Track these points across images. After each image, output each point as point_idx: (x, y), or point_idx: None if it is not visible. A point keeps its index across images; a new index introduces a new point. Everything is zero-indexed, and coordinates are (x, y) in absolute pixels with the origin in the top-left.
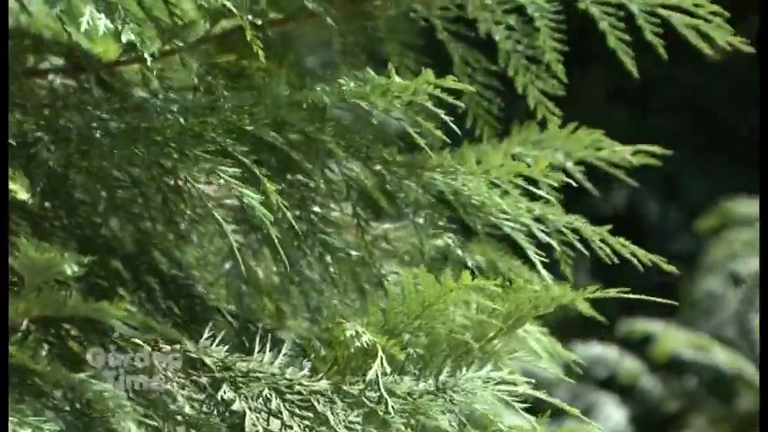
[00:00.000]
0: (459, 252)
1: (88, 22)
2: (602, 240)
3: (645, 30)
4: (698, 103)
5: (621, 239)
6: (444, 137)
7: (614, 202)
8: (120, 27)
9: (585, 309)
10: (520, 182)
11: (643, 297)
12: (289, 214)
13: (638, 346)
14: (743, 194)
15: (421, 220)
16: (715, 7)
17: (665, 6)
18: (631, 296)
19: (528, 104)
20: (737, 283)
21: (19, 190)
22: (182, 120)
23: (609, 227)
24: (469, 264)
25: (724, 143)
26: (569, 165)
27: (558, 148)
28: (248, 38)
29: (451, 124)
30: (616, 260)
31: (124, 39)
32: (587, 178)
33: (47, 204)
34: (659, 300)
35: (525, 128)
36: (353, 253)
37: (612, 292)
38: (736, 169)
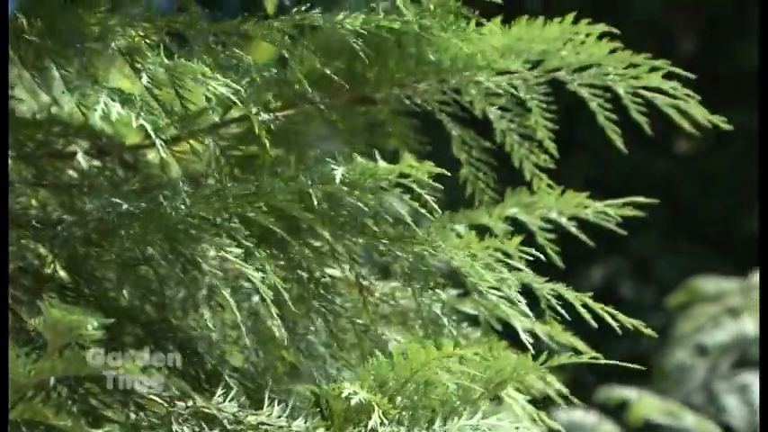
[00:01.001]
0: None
1: (103, 110)
2: (584, 305)
3: (630, 109)
4: (669, 192)
5: (602, 305)
6: (431, 211)
7: (592, 280)
8: (133, 115)
9: (557, 379)
10: (513, 245)
11: (618, 363)
12: (287, 295)
13: (616, 411)
14: (709, 274)
15: (417, 286)
16: (688, 90)
17: (647, 88)
18: (608, 362)
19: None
20: (704, 354)
21: (46, 261)
22: (190, 207)
23: (591, 294)
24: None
25: (692, 229)
26: (563, 221)
27: (550, 208)
28: (256, 130)
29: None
30: (596, 325)
31: (135, 125)
32: (565, 257)
33: (71, 276)
34: (632, 366)
35: (517, 192)
36: (358, 321)
37: (585, 358)
38: (703, 252)
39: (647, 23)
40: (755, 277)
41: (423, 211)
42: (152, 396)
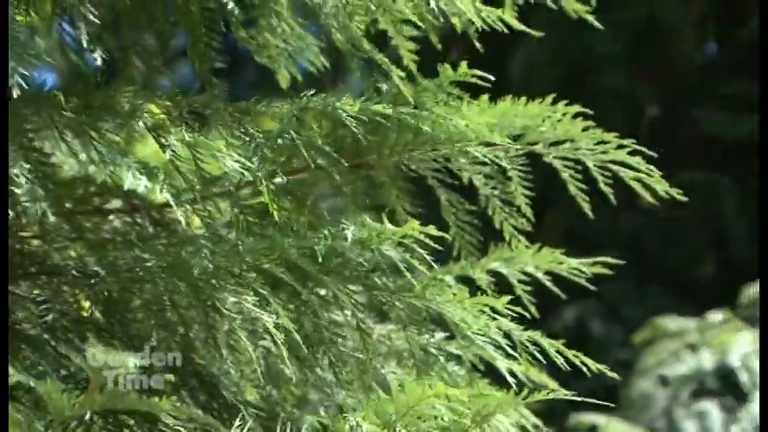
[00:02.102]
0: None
1: (131, 181)
2: (557, 351)
3: (599, 181)
4: (636, 243)
5: (574, 351)
6: (427, 267)
7: (567, 319)
8: (157, 187)
9: (535, 406)
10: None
11: (585, 400)
12: (298, 336)
13: None
14: (670, 314)
15: (412, 330)
16: (650, 166)
17: (614, 162)
18: (577, 398)
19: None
20: (665, 384)
21: (84, 306)
22: (212, 260)
23: (563, 340)
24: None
25: (655, 275)
26: (540, 275)
27: (527, 263)
28: (265, 197)
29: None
30: (568, 367)
31: (159, 197)
32: (539, 304)
33: (107, 319)
34: (599, 402)
35: (499, 248)
36: (359, 356)
37: (561, 393)
38: (665, 295)
39: (613, 92)
40: (711, 316)
41: (418, 261)
42: (178, 427)
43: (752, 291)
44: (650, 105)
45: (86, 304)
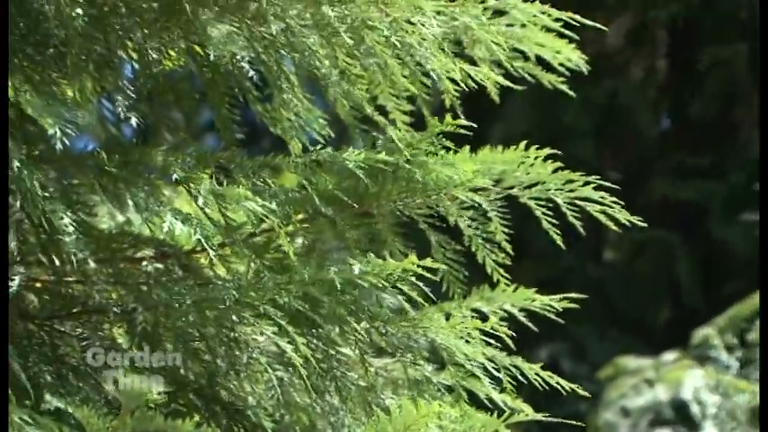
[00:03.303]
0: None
1: (169, 226)
2: (536, 373)
3: (568, 215)
4: (600, 291)
5: (549, 373)
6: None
7: (539, 358)
8: (192, 231)
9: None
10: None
11: (561, 420)
12: (313, 360)
13: None
14: (630, 354)
15: (407, 357)
16: (614, 198)
17: (581, 198)
18: (552, 420)
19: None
20: (627, 415)
21: (121, 338)
22: (234, 296)
23: (541, 363)
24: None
25: (617, 320)
26: (516, 311)
27: (505, 301)
28: (281, 241)
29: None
30: (546, 387)
31: (194, 239)
32: (517, 338)
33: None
34: (571, 422)
35: (481, 289)
36: (362, 383)
37: (537, 417)
38: (626, 338)
39: (581, 160)
40: (665, 356)
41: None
42: None
43: (701, 333)
44: (612, 172)
45: (123, 338)
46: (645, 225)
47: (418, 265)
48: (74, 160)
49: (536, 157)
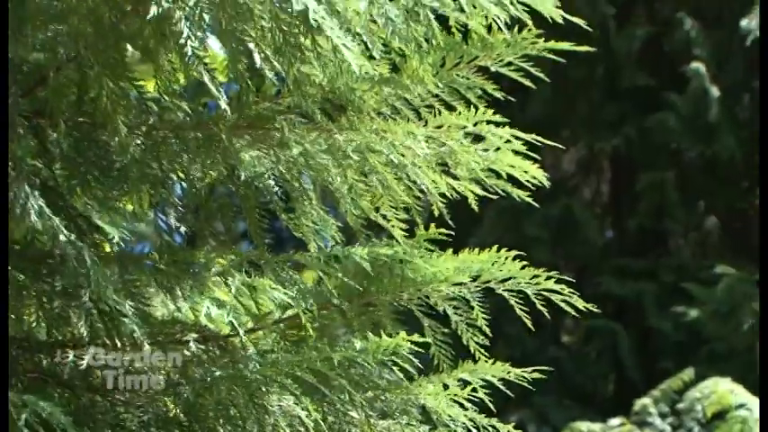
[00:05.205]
0: None
1: (207, 310)
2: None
3: (536, 304)
4: (559, 368)
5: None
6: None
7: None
8: (225, 314)
9: None
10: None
11: None
12: (325, 423)
13: None
14: (582, 420)
15: (404, 419)
16: (571, 289)
17: (545, 290)
18: None
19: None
20: None
21: (170, 408)
22: (260, 371)
23: (513, 423)
24: None
25: (571, 392)
26: (495, 380)
27: (485, 373)
28: (304, 320)
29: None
30: None
31: (227, 321)
32: (495, 401)
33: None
34: None
35: (465, 363)
36: None
37: None
38: (580, 406)
39: (540, 264)
40: (611, 421)
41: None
42: None
43: (640, 403)
44: (566, 272)
45: (171, 406)
46: (595, 313)
47: (408, 341)
48: (134, 260)
49: (506, 258)
